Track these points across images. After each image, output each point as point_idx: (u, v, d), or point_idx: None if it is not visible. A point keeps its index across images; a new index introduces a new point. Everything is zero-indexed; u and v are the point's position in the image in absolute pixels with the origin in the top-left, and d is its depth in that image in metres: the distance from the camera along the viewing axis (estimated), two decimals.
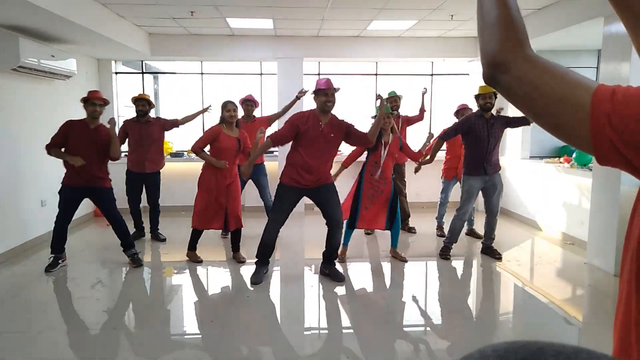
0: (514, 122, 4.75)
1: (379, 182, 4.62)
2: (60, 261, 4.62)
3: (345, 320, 3.62)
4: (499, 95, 4.80)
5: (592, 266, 4.69)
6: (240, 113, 5.17)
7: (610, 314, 3.81)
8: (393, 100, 5.66)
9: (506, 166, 7.21)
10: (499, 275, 4.60)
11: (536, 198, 6.39)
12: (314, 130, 3.98)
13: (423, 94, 5.97)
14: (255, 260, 4.34)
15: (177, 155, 7.27)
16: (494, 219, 4.87)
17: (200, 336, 3.31)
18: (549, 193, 6.08)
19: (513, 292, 4.32)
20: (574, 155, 5.59)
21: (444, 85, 7.88)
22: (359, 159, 4.82)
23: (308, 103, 5.30)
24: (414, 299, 4.09)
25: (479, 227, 5.25)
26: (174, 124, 5.54)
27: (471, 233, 5.85)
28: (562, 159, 5.99)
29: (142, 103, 5.29)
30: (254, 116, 5.66)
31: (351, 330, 3.45)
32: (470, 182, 4.78)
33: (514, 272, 4.61)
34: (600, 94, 0.65)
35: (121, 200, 5.22)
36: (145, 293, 4.25)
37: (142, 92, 6.13)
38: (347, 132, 4.11)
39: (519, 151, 6.81)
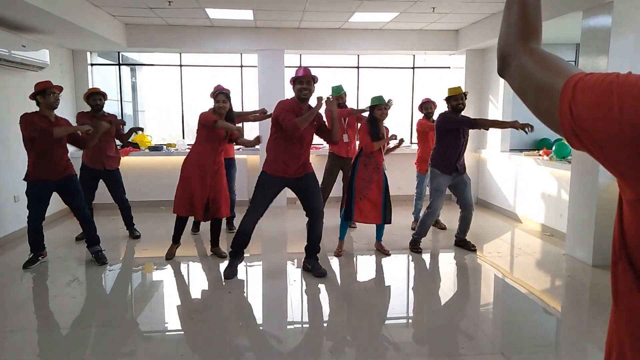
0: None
1: (372, 172, 4.61)
2: (40, 257, 4.49)
3: (328, 315, 3.60)
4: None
5: (570, 257, 4.77)
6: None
7: (588, 303, 3.88)
8: (340, 97, 5.66)
9: (486, 159, 7.29)
10: (479, 266, 4.64)
11: (516, 190, 6.47)
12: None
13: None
14: (229, 251, 4.30)
15: (156, 149, 7.12)
16: (470, 214, 4.91)
17: (180, 333, 3.25)
18: (528, 185, 6.16)
19: (493, 284, 4.36)
20: (553, 148, 5.67)
21: (425, 79, 7.89)
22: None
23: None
24: (396, 292, 4.10)
25: (453, 220, 5.22)
26: (119, 131, 5.35)
27: (435, 223, 5.91)
28: (541, 152, 6.07)
29: (98, 97, 5.06)
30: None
31: (334, 325, 3.43)
32: (439, 179, 4.82)
33: (494, 264, 4.66)
34: (569, 81, 0.67)
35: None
36: (123, 290, 4.15)
37: (92, 87, 5.85)
38: (320, 125, 4.18)
39: (498, 144, 6.88)
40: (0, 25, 4.88)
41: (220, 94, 4.50)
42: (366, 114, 4.97)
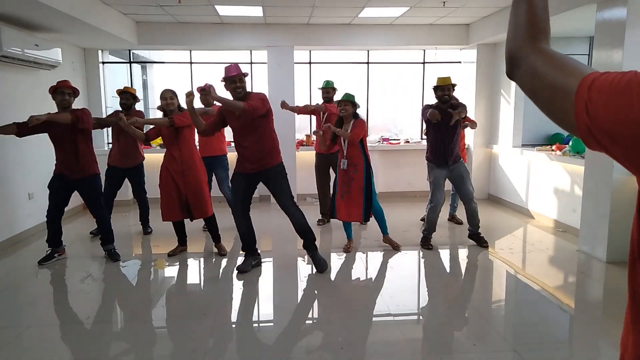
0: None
1: (350, 169, 4.60)
2: (56, 255, 4.55)
3: (340, 311, 3.60)
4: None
5: (584, 253, 4.71)
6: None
7: (602, 300, 3.83)
8: (326, 91, 5.72)
9: (498, 154, 7.22)
10: (491, 263, 4.60)
11: (528, 186, 6.40)
12: (232, 116, 4.00)
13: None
14: (244, 253, 4.37)
15: None
16: (471, 205, 4.86)
17: (192, 329, 3.27)
18: (541, 181, 6.09)
19: (506, 280, 4.33)
20: (570, 142, 5.59)
21: (436, 73, 7.82)
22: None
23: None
24: (407, 288, 4.09)
25: (461, 214, 5.21)
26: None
27: (452, 218, 5.95)
28: (554, 147, 5.99)
29: (125, 96, 5.20)
30: (213, 103, 5.52)
31: (345, 321, 3.42)
32: (435, 172, 4.85)
33: (506, 260, 4.62)
34: (584, 81, 0.65)
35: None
36: (136, 286, 4.19)
37: (127, 85, 6.03)
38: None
39: (510, 139, 6.81)
40: (13, 24, 4.93)
41: (167, 91, 4.45)
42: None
